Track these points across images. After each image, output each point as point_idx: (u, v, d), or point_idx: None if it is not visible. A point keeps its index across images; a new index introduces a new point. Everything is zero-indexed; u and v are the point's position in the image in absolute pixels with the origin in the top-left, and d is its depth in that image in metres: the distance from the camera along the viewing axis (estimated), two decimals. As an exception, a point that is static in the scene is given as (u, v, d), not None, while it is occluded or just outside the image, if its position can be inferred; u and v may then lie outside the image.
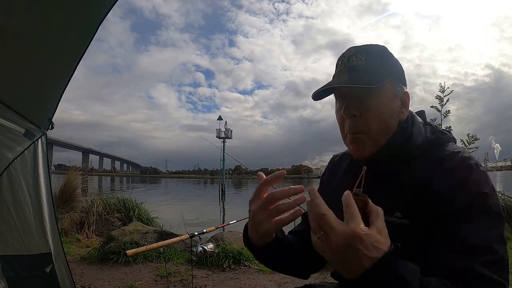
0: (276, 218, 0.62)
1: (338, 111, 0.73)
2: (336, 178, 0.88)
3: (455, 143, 0.73)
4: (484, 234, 0.56)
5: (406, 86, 0.75)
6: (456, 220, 0.58)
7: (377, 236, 0.48)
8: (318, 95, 0.73)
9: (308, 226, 0.89)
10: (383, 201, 0.67)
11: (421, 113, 0.79)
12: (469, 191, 0.60)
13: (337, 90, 0.72)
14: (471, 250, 0.55)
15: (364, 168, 0.57)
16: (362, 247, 0.46)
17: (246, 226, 0.72)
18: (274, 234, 0.70)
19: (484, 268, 0.53)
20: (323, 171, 0.98)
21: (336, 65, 0.76)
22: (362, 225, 0.47)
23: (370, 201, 0.53)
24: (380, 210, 0.52)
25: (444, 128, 0.77)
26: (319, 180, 1.07)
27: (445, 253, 0.57)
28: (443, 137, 0.71)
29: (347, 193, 0.51)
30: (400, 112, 0.72)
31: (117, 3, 1.15)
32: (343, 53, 0.74)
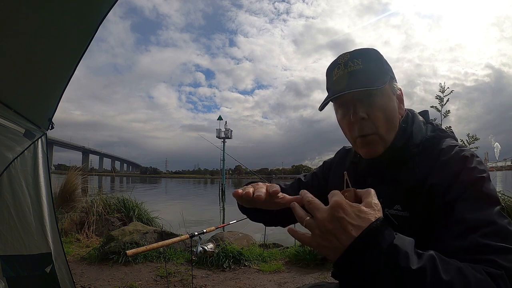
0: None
1: (343, 118, 0.74)
2: (338, 171, 0.89)
3: (455, 139, 0.74)
4: (482, 213, 0.57)
5: (397, 82, 0.77)
6: (454, 207, 0.59)
7: (362, 208, 0.47)
8: (322, 104, 0.74)
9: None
10: (384, 195, 0.70)
11: (424, 113, 0.81)
12: (464, 179, 0.61)
13: (340, 99, 0.73)
14: (472, 228, 0.55)
15: (345, 173, 0.59)
16: (345, 215, 0.46)
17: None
18: None
19: (487, 238, 0.53)
20: (332, 158, 0.99)
21: (330, 72, 0.76)
22: (344, 199, 0.48)
23: (358, 189, 0.54)
24: (370, 190, 0.51)
25: (445, 128, 0.78)
26: None
27: (446, 236, 0.58)
28: (442, 134, 0.73)
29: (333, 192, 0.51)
30: (399, 108, 0.75)
31: (117, 2, 1.15)
32: (336, 60, 0.75)
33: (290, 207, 0.53)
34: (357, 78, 0.69)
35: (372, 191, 0.51)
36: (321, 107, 0.74)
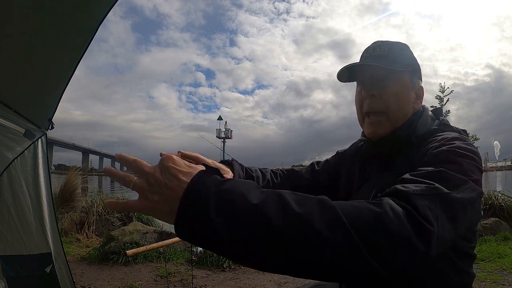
0: None
1: (358, 94, 0.80)
2: (352, 163, 0.91)
3: (463, 135, 0.72)
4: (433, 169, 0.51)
5: (421, 81, 0.81)
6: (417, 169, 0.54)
7: (191, 163, 0.46)
8: (343, 77, 0.80)
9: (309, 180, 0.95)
10: (379, 181, 0.73)
11: (437, 110, 0.83)
12: (436, 150, 0.59)
13: (360, 76, 0.79)
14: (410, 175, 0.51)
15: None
16: (174, 165, 0.43)
17: None
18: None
19: (412, 176, 0.49)
20: (347, 148, 1.00)
21: (361, 56, 0.81)
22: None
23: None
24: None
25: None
26: None
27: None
28: (444, 128, 0.73)
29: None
30: (414, 103, 0.78)
31: (117, 2, 1.15)
32: (368, 45, 0.80)
33: (107, 172, 0.47)
34: (377, 60, 0.75)
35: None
36: (338, 74, 0.79)
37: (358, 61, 0.78)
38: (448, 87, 6.13)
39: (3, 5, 1.06)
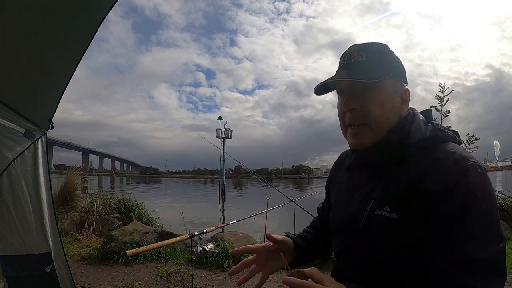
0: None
1: (339, 105, 0.76)
2: (339, 174, 0.90)
3: (457, 141, 0.71)
4: (473, 242, 0.56)
5: (406, 83, 0.76)
6: (446, 226, 0.58)
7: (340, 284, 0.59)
8: (321, 90, 0.75)
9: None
10: (376, 195, 0.69)
11: (427, 112, 0.79)
12: (462, 195, 0.58)
13: (339, 85, 0.74)
14: (458, 260, 0.56)
15: (282, 254, 0.76)
16: None
17: None
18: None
19: (469, 278, 0.54)
20: (332, 166, 1.00)
21: (339, 62, 0.77)
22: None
23: (302, 270, 0.61)
24: (314, 268, 0.60)
25: (446, 127, 0.76)
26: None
27: (433, 262, 0.58)
28: (441, 135, 0.70)
29: (287, 279, 0.57)
30: (400, 108, 0.73)
31: (117, 2, 1.15)
32: (345, 51, 0.76)
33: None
34: (355, 69, 0.71)
35: (315, 269, 0.60)
36: (316, 89, 0.76)
37: (335, 75, 0.74)
38: (448, 87, 6.12)
39: (3, 5, 1.06)
